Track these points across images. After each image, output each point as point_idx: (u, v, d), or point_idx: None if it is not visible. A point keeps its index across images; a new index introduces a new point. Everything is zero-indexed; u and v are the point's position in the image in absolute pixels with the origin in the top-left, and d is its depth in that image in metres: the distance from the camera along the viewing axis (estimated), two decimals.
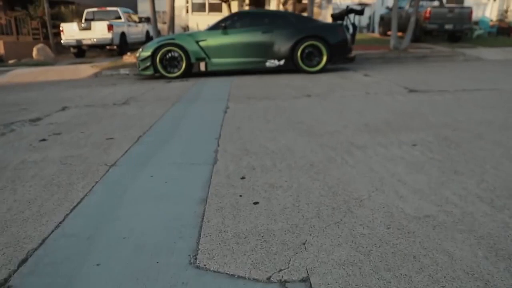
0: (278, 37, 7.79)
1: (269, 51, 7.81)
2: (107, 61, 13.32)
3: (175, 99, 5.43)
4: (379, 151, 2.86)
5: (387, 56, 10.79)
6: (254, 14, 8.71)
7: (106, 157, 2.97)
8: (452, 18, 14.96)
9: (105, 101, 5.56)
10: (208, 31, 8.01)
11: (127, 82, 7.99)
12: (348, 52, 8.09)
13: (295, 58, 7.76)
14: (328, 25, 8.30)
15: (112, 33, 14.35)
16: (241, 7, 21.40)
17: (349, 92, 5.49)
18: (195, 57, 7.85)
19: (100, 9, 16.27)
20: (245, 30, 7.90)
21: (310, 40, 7.74)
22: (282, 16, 8.27)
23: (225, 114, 4.27)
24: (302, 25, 7.97)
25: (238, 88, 6.21)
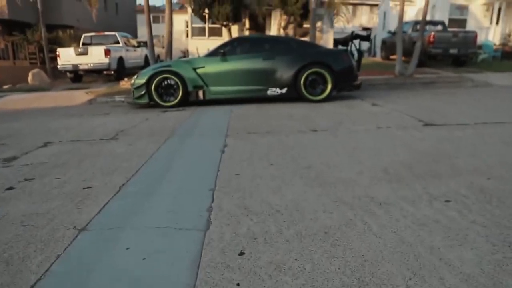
0: (280, 64, 7.39)
1: (271, 78, 7.40)
2: (104, 87, 12.97)
3: (168, 133, 4.96)
4: (406, 210, 2.36)
5: (393, 82, 10.40)
6: (255, 40, 8.34)
7: (77, 215, 2.47)
8: (456, 42, 14.69)
9: (93, 135, 5.10)
10: (206, 58, 7.62)
11: (121, 111, 7.56)
12: (353, 80, 7.68)
13: (298, 86, 7.34)
14: (333, 51, 7.92)
15: (109, 58, 14.04)
16: (241, 32, 21.23)
17: (359, 125, 5.02)
18: (192, 85, 7.44)
19: (98, 34, 16.04)
20: (245, 56, 7.51)
21: (313, 67, 7.34)
22: (284, 42, 7.89)
23: (223, 155, 3.78)
24: (305, 51, 7.58)
25: (238, 120, 5.75)
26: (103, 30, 21.13)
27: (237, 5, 19.20)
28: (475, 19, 22.71)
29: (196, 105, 7.64)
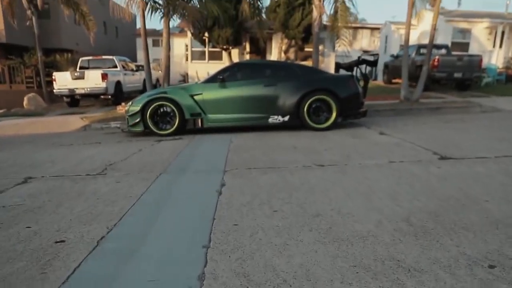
0: (282, 91, 7.03)
1: (272, 106, 7.02)
2: (100, 112, 12.63)
3: (161, 168, 4.53)
4: (443, 281, 1.91)
5: (399, 108, 10.04)
6: (255, 65, 7.99)
7: (39, 285, 2.02)
8: (461, 66, 14.44)
9: (80, 169, 4.67)
10: (204, 84, 7.26)
11: (114, 140, 7.15)
12: (359, 107, 7.30)
13: (301, 113, 6.96)
14: (338, 77, 7.56)
15: (106, 82, 13.76)
16: (242, 55, 21.08)
17: (369, 159, 4.60)
18: (189, 112, 7.06)
19: (96, 58, 15.83)
20: (245, 83, 7.16)
21: (318, 93, 6.97)
22: (286, 68, 7.55)
23: (220, 197, 3.34)
24: (309, 77, 7.23)
25: (237, 152, 5.33)
26: (102, 53, 21.00)
27: (237, 29, 19.08)
28: (478, 43, 22.60)
29: (194, 133, 7.24)
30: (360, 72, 7.79)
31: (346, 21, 11.33)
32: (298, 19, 18.74)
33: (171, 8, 9.02)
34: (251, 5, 10.70)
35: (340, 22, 11.24)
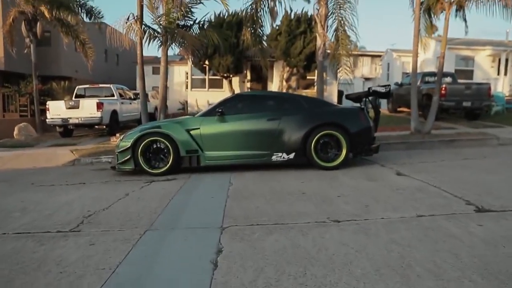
0: (287, 125, 6.39)
1: (276, 142, 6.37)
2: (93, 143, 12.02)
3: (147, 222, 3.83)
4: None
5: (410, 140, 9.39)
6: (257, 97, 7.37)
7: None
8: (469, 94, 13.89)
9: (51, 222, 3.97)
10: (201, 118, 6.63)
11: (101, 179, 6.47)
12: (371, 142, 6.65)
13: (308, 150, 6.29)
14: (347, 110, 6.94)
15: (101, 112, 13.20)
16: (242, 83, 20.66)
17: (392, 211, 3.89)
18: (185, 149, 6.40)
19: (92, 86, 15.38)
20: (247, 116, 6.53)
21: (326, 128, 6.33)
22: (291, 99, 6.94)
23: (214, 273, 2.63)
24: (316, 110, 6.62)
25: (237, 198, 4.63)
26: (102, 81, 20.57)
27: (238, 57, 18.73)
28: (482, 70, 22.23)
29: (190, 171, 6.56)
30: (371, 104, 7.18)
31: (347, 49, 10.83)
32: (300, 47, 18.41)
33: (170, 36, 8.53)
34: (253, 33, 10.22)
35: (341, 50, 10.74)
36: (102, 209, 4.38)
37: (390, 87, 6.98)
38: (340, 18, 10.48)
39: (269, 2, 10.41)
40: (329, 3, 9.91)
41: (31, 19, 14.20)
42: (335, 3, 10.24)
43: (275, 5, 11.04)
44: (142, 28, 9.24)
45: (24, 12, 14.26)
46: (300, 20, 18.64)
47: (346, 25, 10.53)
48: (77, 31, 14.63)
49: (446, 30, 9.97)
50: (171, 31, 8.46)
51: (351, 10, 10.28)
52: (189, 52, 8.98)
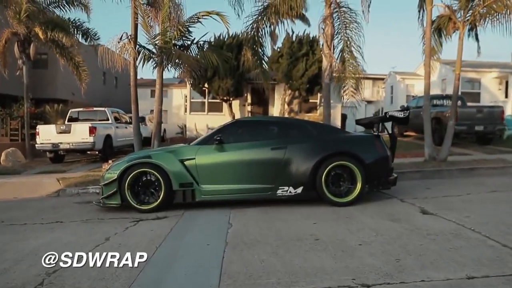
0: (294, 155, 5.63)
1: (282, 174, 5.60)
2: (83, 170, 11.28)
3: (124, 283, 3.04)
4: None
5: (426, 169, 8.63)
6: (260, 123, 6.63)
7: None
8: (482, 118, 13.22)
9: (2, 282, 3.17)
10: (197, 146, 5.89)
11: (82, 216, 5.68)
12: (389, 174, 5.89)
13: (319, 184, 5.52)
14: (362, 137, 6.21)
15: (94, 137, 12.48)
16: (243, 107, 20.03)
17: (433, 270, 3.10)
18: (178, 182, 5.64)
19: (86, 109, 14.72)
20: (248, 145, 5.81)
21: (338, 159, 5.59)
22: (297, 126, 6.23)
23: None
24: (326, 138, 5.90)
25: (238, 248, 3.84)
26: (100, 104, 19.95)
27: (238, 80, 18.16)
28: (489, 93, 21.68)
29: (184, 207, 5.77)
30: (386, 131, 6.45)
31: (354, 71, 10.19)
32: (302, 69, 17.86)
33: (165, 57, 7.89)
34: (254, 53, 9.60)
35: (348, 73, 10.11)
36: (72, 264, 3.57)
37: (409, 112, 6.26)
38: (346, 39, 9.88)
39: (269, 26, 9.84)
40: (334, 22, 9.32)
41: (24, 40, 13.63)
42: (341, 23, 9.66)
43: (275, 28, 10.51)
44: (136, 49, 8.63)
45: (17, 33, 13.72)
46: (302, 42, 18.15)
47: (352, 46, 9.93)
48: (71, 53, 14.03)
49: (461, 50, 9.36)
50: (167, 51, 7.83)
51: (358, 30, 9.69)
52: (187, 73, 8.33)
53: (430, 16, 9.33)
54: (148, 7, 8.65)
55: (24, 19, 12.32)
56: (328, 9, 9.08)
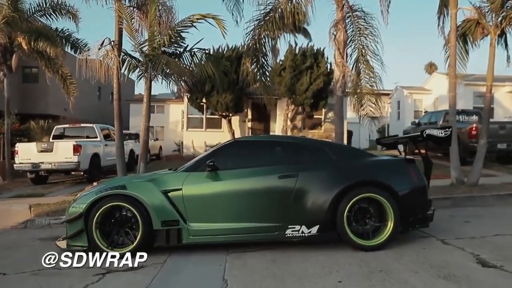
0: (308, 185, 4.43)
1: (292, 209, 4.39)
2: (65, 193, 10.09)
3: None
4: None
5: (455, 195, 7.43)
6: (264, 144, 5.30)
7: None
8: (505, 135, 12.06)
9: None
10: (185, 174, 4.66)
11: (32, 266, 4.43)
12: (427, 208, 4.67)
13: (339, 222, 4.30)
14: (393, 163, 4.98)
15: (79, 156, 11.30)
16: (243, 123, 18.88)
17: None
18: (160, 219, 4.42)
19: (73, 126, 13.61)
20: (249, 172, 4.60)
21: (364, 190, 4.39)
22: (311, 147, 5.01)
23: None
24: (347, 163, 4.70)
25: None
26: (94, 120, 18.80)
27: (238, 94, 17.06)
28: (502, 108, 20.60)
29: (167, 251, 4.54)
30: (421, 155, 5.24)
31: (371, 83, 9.06)
32: (306, 83, 16.79)
33: (151, 64, 6.77)
34: (255, 63, 8.47)
35: (364, 87, 8.99)
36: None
37: (451, 130, 5.05)
38: (361, 47, 8.78)
39: (273, 32, 8.73)
40: (347, 28, 8.22)
41: (4, 50, 12.56)
42: (355, 29, 8.56)
43: (276, 42, 9.43)
44: (121, 57, 7.52)
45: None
46: (306, 54, 17.13)
47: (368, 54, 8.81)
48: (57, 64, 12.95)
49: (493, 59, 8.26)
50: (153, 58, 6.71)
51: (374, 37, 8.58)
52: (178, 85, 7.20)
53: (455, 20, 8.24)
54: (135, 10, 7.57)
55: (2, 26, 11.24)
56: (340, 12, 7.99)
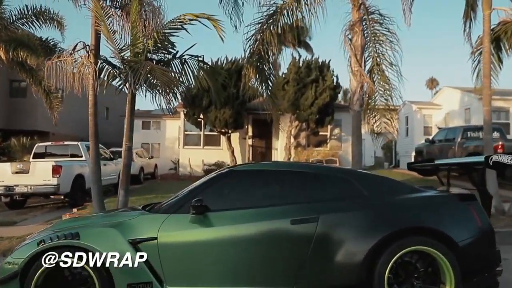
0: (332, 233, 3.17)
1: (310, 268, 3.12)
2: (39, 222, 8.80)
3: None
4: None
5: (499, 229, 6.13)
6: (269, 174, 3.79)
7: None
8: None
9: None
10: (162, 216, 3.34)
11: None
12: (496, 263, 3.38)
13: (379, 285, 3.03)
14: (445, 199, 3.63)
15: (58, 178, 10.05)
16: (243, 140, 17.63)
17: None
18: (127, 281, 3.15)
19: (56, 144, 12.41)
20: (250, 215, 3.30)
21: (411, 241, 3.13)
22: (334, 179, 3.67)
23: None
24: (384, 201, 3.42)
25: None
26: (86, 136, 17.61)
27: (238, 110, 15.88)
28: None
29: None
30: (477, 187, 3.96)
31: (386, 97, 7.89)
32: (311, 98, 15.64)
33: (131, 73, 5.58)
34: (258, 73, 7.29)
35: (379, 98, 7.83)
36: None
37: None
38: (376, 55, 7.62)
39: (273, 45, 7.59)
40: (365, 31, 7.06)
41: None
42: (370, 34, 7.40)
43: (277, 57, 8.31)
44: (98, 65, 6.34)
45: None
46: (311, 67, 16.03)
47: (384, 63, 7.66)
48: (39, 76, 11.81)
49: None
50: (135, 65, 5.52)
51: (392, 43, 7.43)
52: (166, 97, 6.00)
53: (489, 23, 7.12)
54: (117, 11, 6.43)
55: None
56: (357, 13, 6.83)
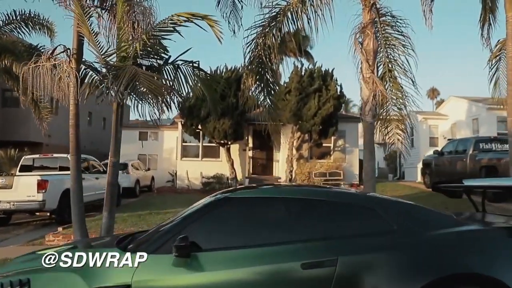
0: (353, 281, 2.46)
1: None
2: (22, 242, 8.14)
3: None
4: None
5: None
6: (274, 202, 3.00)
7: None
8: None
9: None
10: (137, 257, 2.66)
11: None
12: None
13: None
14: (493, 235, 2.90)
15: (44, 194, 9.35)
16: (243, 152, 16.95)
17: None
18: None
19: (44, 156, 11.73)
20: (250, 256, 2.59)
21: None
22: (356, 208, 2.93)
23: None
24: (418, 238, 2.70)
25: None
26: (83, 147, 16.93)
27: (238, 120, 15.24)
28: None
29: None
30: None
31: (399, 107, 7.26)
32: (314, 108, 15.01)
33: (111, 79, 4.92)
34: (259, 79, 6.64)
35: (391, 111, 7.21)
36: None
37: None
38: (388, 60, 6.99)
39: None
40: (376, 34, 6.42)
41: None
42: (381, 37, 6.78)
43: (278, 66, 7.69)
44: (81, 71, 5.69)
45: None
46: (313, 76, 15.44)
47: (396, 70, 7.04)
48: (27, 84, 11.16)
49: None
50: (118, 70, 4.86)
51: (405, 48, 6.81)
52: (156, 106, 5.34)
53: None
54: (101, 11, 5.80)
55: None
56: (368, 14, 6.19)
